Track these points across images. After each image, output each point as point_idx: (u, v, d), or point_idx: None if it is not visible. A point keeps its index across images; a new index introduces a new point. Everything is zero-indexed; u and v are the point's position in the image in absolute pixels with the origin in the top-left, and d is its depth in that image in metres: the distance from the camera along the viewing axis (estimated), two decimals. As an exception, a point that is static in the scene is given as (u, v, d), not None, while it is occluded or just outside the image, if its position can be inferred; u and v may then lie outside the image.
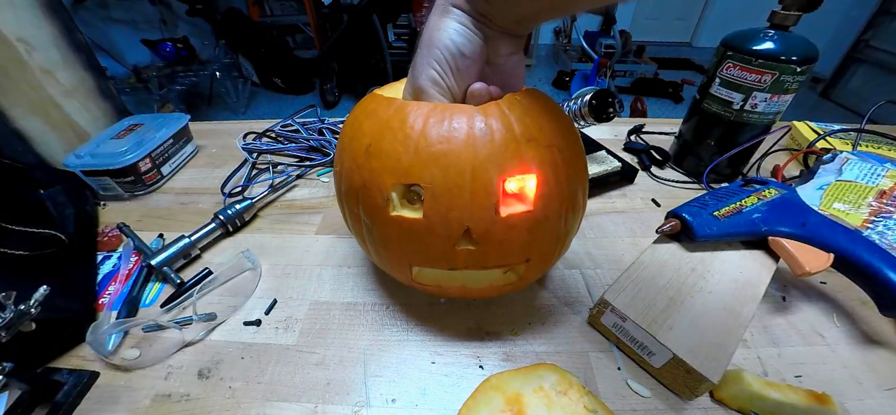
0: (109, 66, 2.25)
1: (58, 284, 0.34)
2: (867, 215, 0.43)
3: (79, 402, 0.32)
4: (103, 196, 0.55)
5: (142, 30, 2.56)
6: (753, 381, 0.29)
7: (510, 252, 0.28)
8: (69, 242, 0.41)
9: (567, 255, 0.44)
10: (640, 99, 2.47)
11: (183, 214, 0.53)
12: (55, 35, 0.58)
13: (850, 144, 0.57)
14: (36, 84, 0.55)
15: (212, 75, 2.39)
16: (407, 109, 0.27)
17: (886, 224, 0.41)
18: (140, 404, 0.32)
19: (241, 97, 2.49)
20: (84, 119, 0.62)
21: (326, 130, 0.69)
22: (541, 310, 0.38)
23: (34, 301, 0.30)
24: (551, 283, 0.41)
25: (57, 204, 0.45)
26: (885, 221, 0.42)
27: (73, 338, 0.36)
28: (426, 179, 0.25)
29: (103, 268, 0.44)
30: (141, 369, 0.34)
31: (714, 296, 0.33)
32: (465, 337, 0.36)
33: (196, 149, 0.67)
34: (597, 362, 0.34)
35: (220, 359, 0.35)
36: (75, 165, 0.52)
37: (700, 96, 0.54)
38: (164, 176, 0.59)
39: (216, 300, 0.40)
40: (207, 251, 0.47)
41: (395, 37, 2.40)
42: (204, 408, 0.31)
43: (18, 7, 0.53)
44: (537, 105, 0.28)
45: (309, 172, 0.61)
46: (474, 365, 0.34)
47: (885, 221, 0.42)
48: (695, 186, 0.56)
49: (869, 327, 0.36)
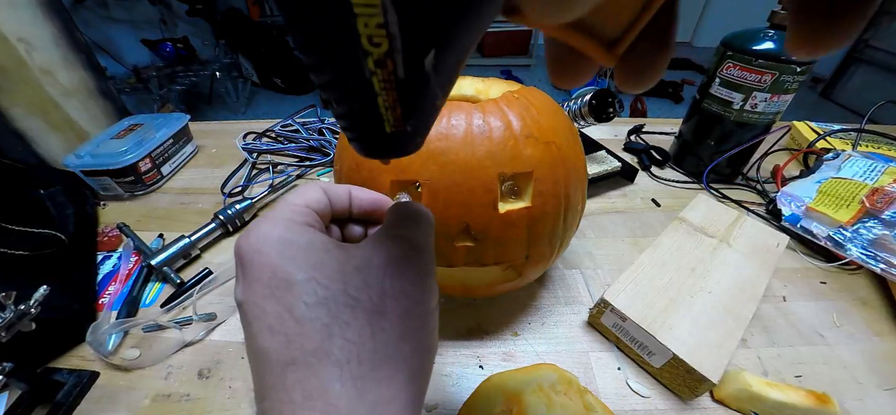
0: (109, 66, 2.25)
1: (58, 284, 0.34)
2: (853, 216, 0.43)
3: (79, 402, 0.32)
4: (103, 196, 0.55)
5: (142, 30, 2.56)
6: (753, 381, 0.29)
7: (509, 249, 0.28)
8: (69, 242, 0.41)
9: (567, 254, 0.44)
10: (639, 99, 2.47)
11: (183, 214, 0.53)
12: (55, 35, 0.58)
13: (849, 144, 0.57)
14: (36, 84, 0.55)
15: (212, 75, 2.39)
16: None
17: (865, 225, 0.41)
18: (140, 404, 0.32)
19: (241, 97, 2.49)
20: (84, 119, 0.62)
21: (326, 129, 0.69)
22: (541, 310, 0.38)
23: (34, 301, 0.30)
24: (551, 283, 0.41)
25: (57, 204, 0.45)
26: (870, 221, 0.41)
27: (73, 338, 0.36)
28: (424, 176, 0.26)
29: (103, 268, 0.44)
30: (141, 369, 0.34)
31: (714, 296, 0.33)
32: (465, 337, 0.36)
33: (196, 149, 0.67)
34: (597, 362, 0.34)
35: (220, 359, 0.35)
36: (75, 165, 0.52)
37: (700, 96, 0.54)
38: (164, 176, 0.59)
39: (216, 300, 0.40)
40: (207, 251, 0.47)
41: (396, 37, 2.40)
42: (204, 408, 0.31)
43: (18, 7, 0.53)
44: (536, 103, 0.28)
45: (309, 172, 0.61)
46: (474, 365, 0.34)
47: (871, 220, 0.41)
48: (695, 186, 0.56)
49: (869, 327, 0.36)
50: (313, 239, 0.16)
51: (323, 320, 0.14)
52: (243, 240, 0.16)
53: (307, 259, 0.15)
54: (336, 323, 0.14)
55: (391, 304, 0.15)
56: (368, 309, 0.15)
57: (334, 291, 0.15)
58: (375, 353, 0.15)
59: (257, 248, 0.16)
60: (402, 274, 0.16)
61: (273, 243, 0.16)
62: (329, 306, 0.15)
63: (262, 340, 0.15)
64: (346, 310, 0.15)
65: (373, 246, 0.17)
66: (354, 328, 0.15)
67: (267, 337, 0.15)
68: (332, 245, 0.16)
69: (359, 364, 0.14)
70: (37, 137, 0.56)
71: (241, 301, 0.16)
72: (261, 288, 0.15)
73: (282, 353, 0.14)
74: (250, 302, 0.15)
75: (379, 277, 0.16)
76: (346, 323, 0.15)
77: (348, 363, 0.14)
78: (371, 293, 0.15)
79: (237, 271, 0.17)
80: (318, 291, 0.15)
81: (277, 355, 0.14)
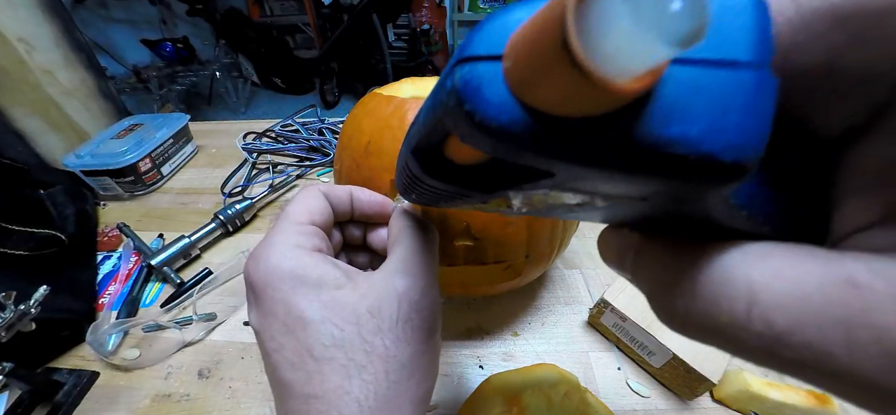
0: (109, 66, 2.25)
1: (58, 284, 0.34)
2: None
3: (79, 402, 0.32)
4: (103, 196, 0.55)
5: (142, 30, 2.56)
6: (753, 381, 0.29)
7: (509, 248, 0.28)
8: (69, 242, 0.41)
9: (567, 254, 0.44)
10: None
11: (183, 214, 0.53)
12: (55, 35, 0.58)
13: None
14: (36, 84, 0.55)
15: (212, 75, 2.39)
16: (405, 106, 0.27)
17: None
18: (140, 404, 0.32)
19: (241, 97, 2.49)
20: (84, 119, 0.62)
21: (326, 129, 0.69)
22: (541, 310, 0.38)
23: (34, 301, 0.30)
24: (551, 283, 0.41)
25: (57, 204, 0.45)
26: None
27: (73, 338, 0.36)
28: (425, 177, 0.26)
29: (103, 268, 0.44)
30: (141, 369, 0.34)
31: (714, 296, 0.33)
32: (465, 337, 0.36)
33: (196, 149, 0.67)
34: (597, 362, 0.34)
35: (220, 359, 0.35)
36: (75, 165, 0.52)
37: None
38: (164, 176, 0.59)
39: (216, 300, 0.40)
40: (207, 251, 0.47)
41: (395, 37, 2.40)
42: (204, 408, 0.31)
43: (18, 7, 0.53)
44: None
45: (309, 172, 0.61)
46: (474, 365, 0.34)
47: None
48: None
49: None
50: (324, 274, 0.17)
51: (340, 362, 0.16)
52: (252, 267, 0.17)
53: (320, 298, 0.16)
54: (353, 365, 0.16)
55: (403, 348, 0.17)
56: (382, 355, 0.16)
57: (349, 334, 0.16)
58: (389, 390, 0.16)
59: (268, 281, 0.17)
60: (411, 318, 0.17)
61: (285, 278, 0.16)
62: (345, 349, 0.16)
63: (283, 373, 0.16)
64: (362, 354, 0.16)
65: (385, 285, 0.17)
66: (370, 371, 0.16)
67: (288, 371, 0.16)
68: (343, 278, 0.17)
69: (375, 398, 0.15)
70: (37, 137, 0.56)
71: (258, 330, 0.17)
72: (277, 323, 0.16)
73: (304, 386, 0.15)
74: (268, 335, 0.16)
75: (391, 322, 0.17)
76: (363, 366, 0.16)
77: (366, 399, 0.15)
78: (385, 340, 0.16)
79: (248, 295, 0.18)
80: (335, 332, 0.16)
81: (300, 388, 0.15)
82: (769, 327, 0.06)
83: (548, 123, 0.07)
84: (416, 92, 0.35)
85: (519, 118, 0.07)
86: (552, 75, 0.06)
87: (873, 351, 0.06)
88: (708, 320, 0.07)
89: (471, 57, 0.07)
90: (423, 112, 0.11)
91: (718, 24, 0.06)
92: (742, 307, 0.07)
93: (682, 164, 0.06)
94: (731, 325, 0.07)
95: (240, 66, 2.53)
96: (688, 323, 0.08)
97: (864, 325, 0.06)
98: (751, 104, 0.06)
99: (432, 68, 2.46)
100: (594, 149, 0.06)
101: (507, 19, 0.07)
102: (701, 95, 0.06)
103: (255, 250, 0.18)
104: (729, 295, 0.07)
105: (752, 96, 0.06)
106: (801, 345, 0.06)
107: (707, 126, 0.06)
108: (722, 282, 0.07)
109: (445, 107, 0.08)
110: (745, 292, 0.07)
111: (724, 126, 0.06)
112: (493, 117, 0.07)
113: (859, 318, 0.06)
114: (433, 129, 0.10)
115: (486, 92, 0.07)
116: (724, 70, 0.06)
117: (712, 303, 0.07)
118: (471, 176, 0.10)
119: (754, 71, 0.06)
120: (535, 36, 0.06)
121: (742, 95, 0.06)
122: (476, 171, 0.09)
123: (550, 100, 0.06)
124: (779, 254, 0.07)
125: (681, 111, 0.06)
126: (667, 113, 0.06)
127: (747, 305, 0.07)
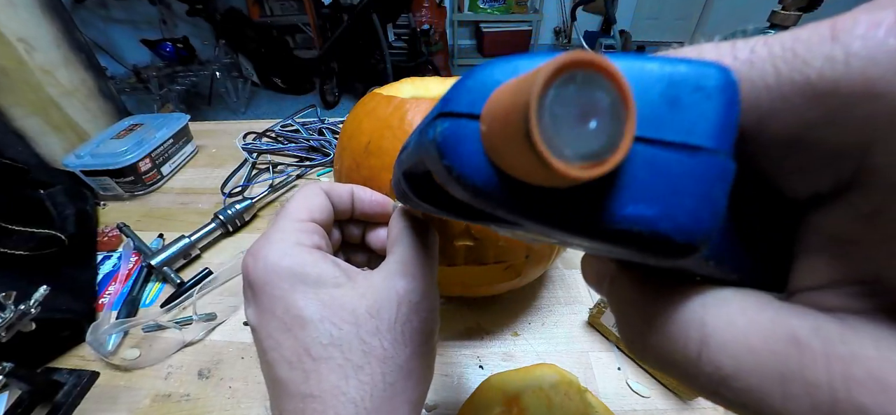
0: (109, 66, 2.25)
1: (58, 284, 0.34)
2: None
3: (79, 402, 0.32)
4: (103, 196, 0.55)
5: (142, 30, 2.56)
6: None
7: (509, 248, 0.28)
8: (69, 242, 0.41)
9: (567, 254, 0.44)
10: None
11: (183, 214, 0.53)
12: (55, 35, 0.58)
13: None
14: (36, 84, 0.55)
15: (212, 75, 2.39)
16: (405, 106, 0.27)
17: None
18: (140, 404, 0.32)
19: (241, 97, 2.49)
20: (84, 119, 0.62)
21: (326, 129, 0.69)
22: (541, 310, 0.38)
23: (34, 301, 0.30)
24: (551, 283, 0.41)
25: (57, 204, 0.45)
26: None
27: (73, 338, 0.36)
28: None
29: (103, 268, 0.44)
30: (141, 369, 0.34)
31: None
32: (465, 337, 0.36)
33: (196, 149, 0.67)
34: (597, 362, 0.34)
35: (220, 359, 0.35)
36: (75, 165, 0.52)
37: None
38: (164, 176, 0.59)
39: (216, 300, 0.40)
40: (207, 251, 0.47)
41: (395, 37, 2.40)
42: (204, 408, 0.31)
43: (18, 7, 0.53)
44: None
45: (309, 172, 0.61)
46: (474, 365, 0.34)
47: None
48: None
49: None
50: (323, 272, 0.17)
51: (338, 361, 0.15)
52: (251, 264, 0.17)
53: (319, 296, 0.16)
54: (350, 365, 0.15)
55: (401, 350, 0.16)
56: (380, 356, 0.16)
57: (347, 334, 0.16)
58: (385, 391, 0.16)
59: (266, 279, 0.16)
60: (410, 320, 0.17)
61: (284, 275, 0.16)
62: (343, 349, 0.15)
63: (279, 371, 0.16)
64: (359, 354, 0.16)
65: (385, 286, 0.17)
66: (367, 372, 0.15)
67: (285, 369, 0.15)
68: (342, 277, 0.17)
69: (372, 399, 0.15)
70: (37, 137, 0.56)
71: (255, 327, 0.17)
72: (275, 321, 0.16)
73: (301, 385, 0.15)
74: (265, 333, 0.16)
75: (390, 323, 0.16)
76: (360, 367, 0.15)
77: (363, 400, 0.15)
78: (383, 341, 0.16)
79: (246, 292, 0.17)
80: (333, 331, 0.16)
81: (296, 387, 0.15)
82: (717, 369, 0.07)
83: (518, 189, 0.07)
84: (416, 92, 0.35)
85: (492, 180, 0.07)
86: (519, 154, 0.06)
87: (804, 403, 0.06)
88: (664, 355, 0.08)
89: (452, 113, 0.08)
90: (412, 141, 0.12)
91: (686, 107, 0.06)
92: (694, 348, 0.08)
93: (638, 239, 0.07)
94: (684, 362, 0.08)
95: (240, 66, 2.53)
96: (646, 354, 0.09)
97: (799, 380, 0.06)
98: (705, 191, 0.06)
99: (432, 68, 2.47)
100: (560, 215, 0.07)
101: (487, 79, 0.07)
102: (660, 176, 0.06)
103: (254, 247, 0.17)
104: (683, 336, 0.08)
105: (707, 183, 0.06)
106: (743, 389, 0.07)
107: (662, 209, 0.06)
108: (679, 323, 0.08)
109: (427, 153, 0.09)
110: (697, 336, 0.08)
111: (677, 210, 0.06)
112: (468, 176, 0.07)
113: (796, 373, 0.06)
114: (418, 163, 0.10)
115: (462, 151, 0.07)
116: (684, 154, 0.06)
117: (669, 340, 0.08)
118: (456, 205, 0.10)
119: (712, 157, 0.06)
120: (506, 115, 0.06)
121: (697, 181, 0.06)
122: (461, 201, 0.10)
123: (520, 171, 0.07)
124: (736, 302, 0.08)
125: (639, 190, 0.07)
126: (626, 190, 0.07)
127: (699, 347, 0.08)
